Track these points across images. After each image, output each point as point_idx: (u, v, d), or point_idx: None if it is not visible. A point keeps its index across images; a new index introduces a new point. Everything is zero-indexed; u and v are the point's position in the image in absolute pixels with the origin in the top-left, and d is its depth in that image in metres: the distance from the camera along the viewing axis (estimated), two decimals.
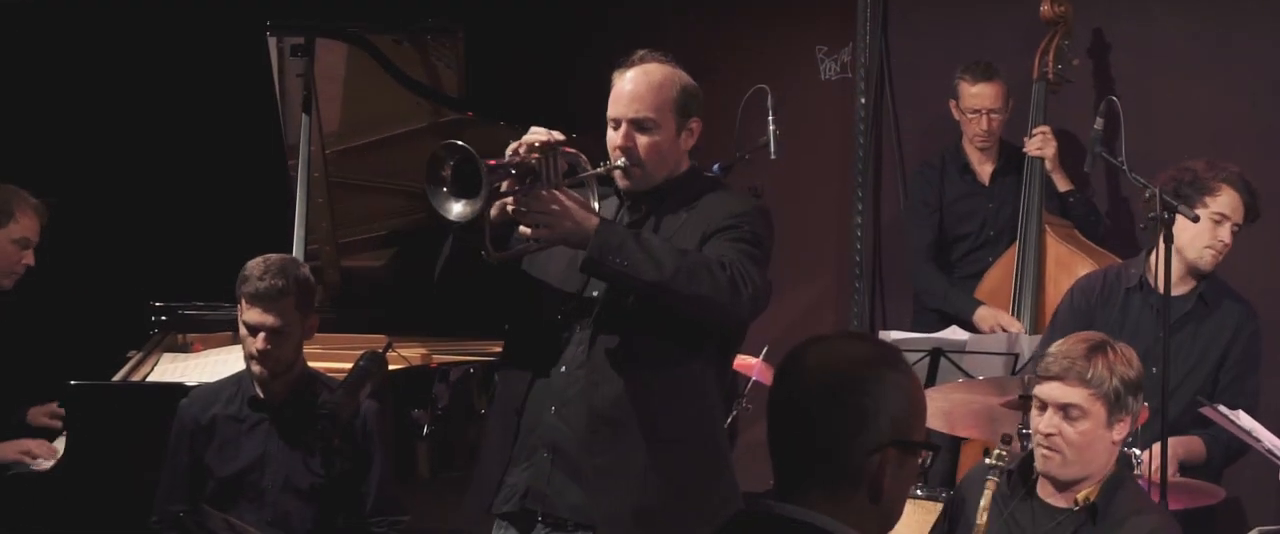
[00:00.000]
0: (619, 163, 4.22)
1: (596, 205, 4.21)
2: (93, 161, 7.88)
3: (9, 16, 7.81)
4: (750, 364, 6.24)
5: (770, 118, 6.52)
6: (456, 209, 3.95)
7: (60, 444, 5.62)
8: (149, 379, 5.86)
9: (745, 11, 7.94)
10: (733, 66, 7.63)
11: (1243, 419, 5.09)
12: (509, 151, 4.07)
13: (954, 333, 6.20)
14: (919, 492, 5.42)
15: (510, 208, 4.07)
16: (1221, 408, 5.13)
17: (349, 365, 4.52)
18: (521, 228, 4.08)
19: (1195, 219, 5.35)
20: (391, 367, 5.06)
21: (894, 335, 6.20)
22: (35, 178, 6.31)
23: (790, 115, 6.80)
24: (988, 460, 4.16)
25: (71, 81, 7.92)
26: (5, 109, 7.76)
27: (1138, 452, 4.97)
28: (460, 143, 3.93)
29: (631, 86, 4.23)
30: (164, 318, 6.42)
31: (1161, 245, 5.19)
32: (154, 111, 7.99)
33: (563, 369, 4.20)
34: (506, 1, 8.10)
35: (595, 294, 4.20)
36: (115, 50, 7.95)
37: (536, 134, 4.10)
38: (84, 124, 7.91)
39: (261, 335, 4.83)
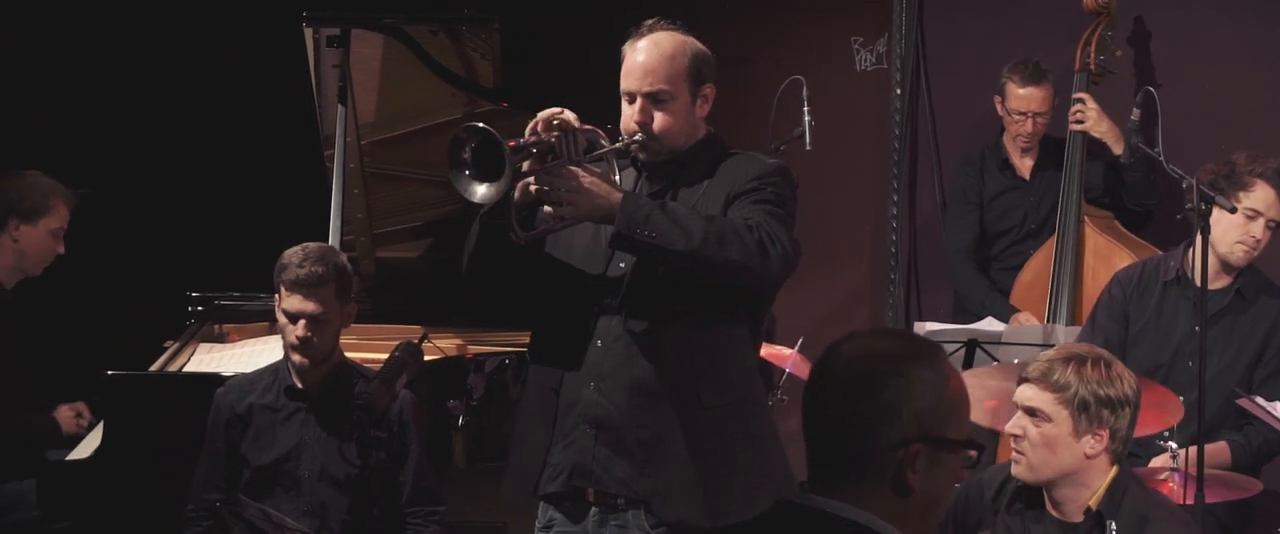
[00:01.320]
0: (636, 137, 4.20)
1: (618, 179, 4.20)
2: (130, 152, 7.91)
3: (47, 8, 7.85)
4: (785, 355, 6.23)
5: (806, 109, 6.52)
6: (480, 191, 3.94)
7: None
8: (185, 369, 5.88)
9: (781, 2, 7.92)
10: (768, 57, 7.62)
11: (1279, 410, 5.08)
12: (527, 130, 4.07)
13: (990, 324, 6.18)
14: None
15: (533, 187, 4.06)
16: (1258, 399, 5.12)
17: (385, 356, 4.53)
18: (545, 207, 4.07)
19: (1232, 210, 5.34)
20: (427, 357, 5.06)
21: (929, 327, 6.18)
22: (73, 169, 6.35)
23: (826, 106, 6.80)
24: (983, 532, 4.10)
25: (109, 72, 7.95)
26: (42, 100, 7.80)
27: (1175, 445, 4.96)
28: (480, 124, 3.93)
29: (643, 58, 4.21)
30: (200, 308, 6.45)
31: (1198, 237, 5.18)
32: (191, 102, 8.02)
33: (598, 344, 4.19)
34: None
35: (623, 266, 4.18)
36: (153, 41, 7.98)
37: (553, 111, 4.09)
38: (121, 115, 7.94)
39: (301, 323, 4.84)
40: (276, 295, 4.92)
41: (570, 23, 8.13)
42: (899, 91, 7.60)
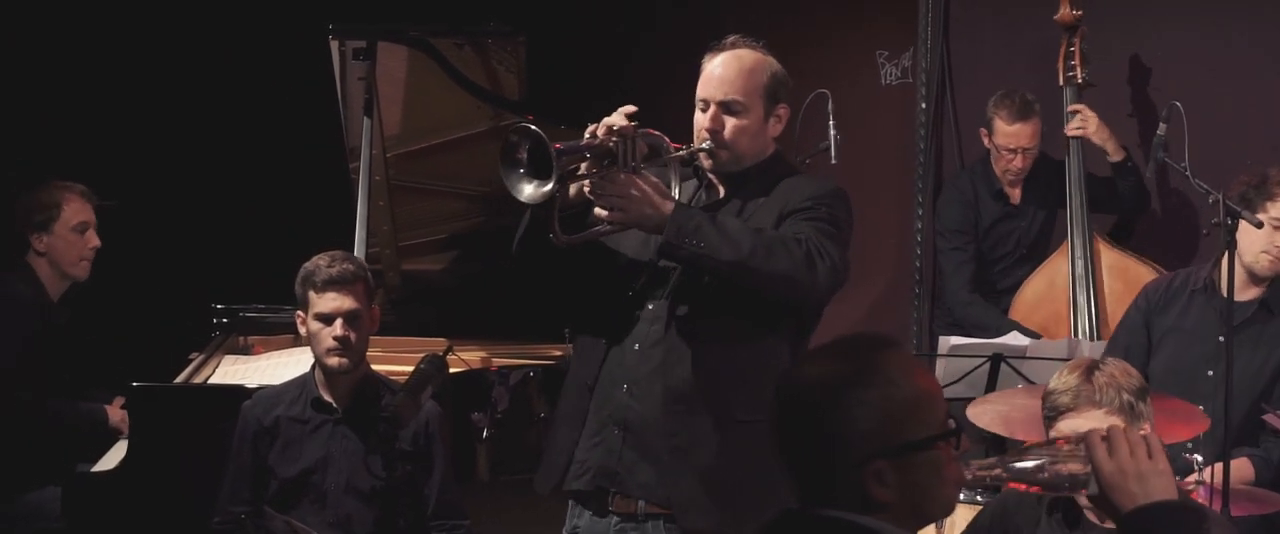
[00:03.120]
0: (705, 145, 4.23)
1: (676, 190, 4.21)
2: (156, 164, 7.94)
3: (73, 20, 7.87)
4: None
5: (831, 123, 6.51)
6: (527, 190, 3.96)
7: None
8: (210, 381, 5.89)
9: (806, 16, 7.92)
10: (793, 71, 7.52)
11: None
12: (587, 133, 4.08)
13: (1015, 338, 6.16)
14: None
15: (586, 188, 4.08)
16: None
17: (410, 368, 4.53)
18: (597, 210, 4.09)
19: (1259, 225, 5.33)
20: (452, 370, 5.06)
21: (954, 341, 6.16)
22: (99, 180, 6.37)
23: (851, 120, 6.79)
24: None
25: (136, 84, 7.97)
26: (69, 112, 7.83)
27: (1200, 458, 4.94)
28: (532, 127, 3.93)
29: (722, 70, 4.26)
30: (226, 320, 6.46)
31: (1226, 250, 5.17)
32: (217, 114, 8.04)
33: (636, 347, 4.21)
34: (565, 6, 8.11)
35: (669, 271, 4.19)
36: (180, 53, 8.00)
37: (616, 117, 4.09)
38: (147, 126, 7.97)
39: (339, 322, 4.85)
40: (301, 311, 4.93)
41: (595, 36, 8.14)
42: (924, 106, 7.60)
